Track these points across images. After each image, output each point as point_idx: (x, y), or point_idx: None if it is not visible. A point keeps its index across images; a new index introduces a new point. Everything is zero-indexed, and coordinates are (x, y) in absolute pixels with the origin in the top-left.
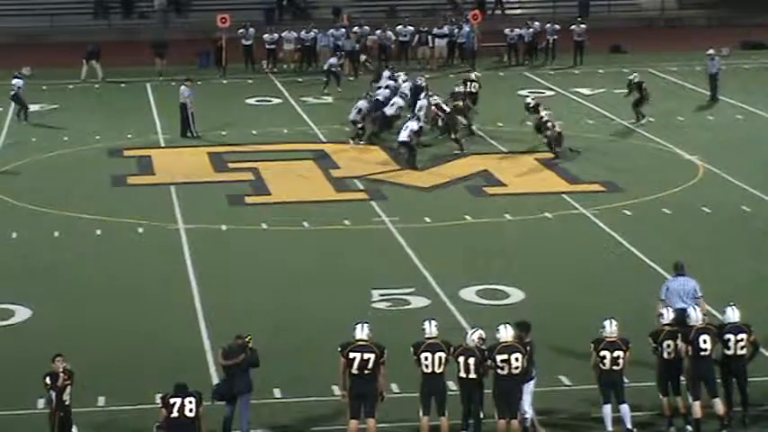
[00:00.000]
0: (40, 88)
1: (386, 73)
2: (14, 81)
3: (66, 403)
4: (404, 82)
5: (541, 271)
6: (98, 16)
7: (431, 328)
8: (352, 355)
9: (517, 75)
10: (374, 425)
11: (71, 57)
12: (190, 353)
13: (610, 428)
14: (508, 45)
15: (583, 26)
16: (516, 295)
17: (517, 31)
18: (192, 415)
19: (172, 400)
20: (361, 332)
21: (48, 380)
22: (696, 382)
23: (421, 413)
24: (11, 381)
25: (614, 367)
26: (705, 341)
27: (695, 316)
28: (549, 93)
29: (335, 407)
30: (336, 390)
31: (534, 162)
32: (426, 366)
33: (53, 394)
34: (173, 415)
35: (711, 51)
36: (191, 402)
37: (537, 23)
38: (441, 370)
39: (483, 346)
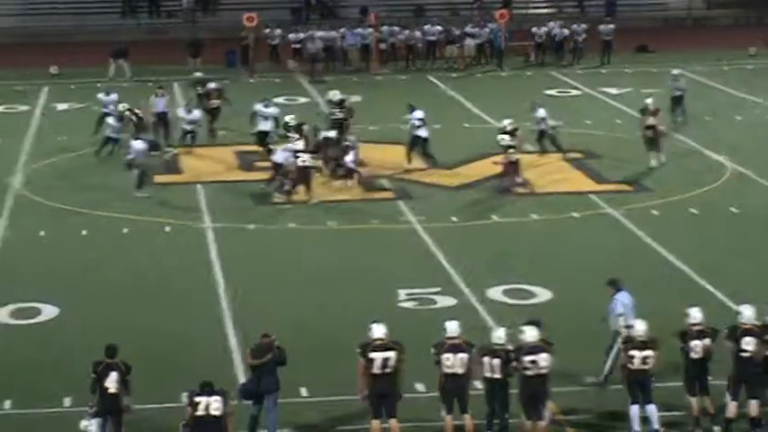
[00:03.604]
0: (68, 87)
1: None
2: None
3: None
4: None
5: (568, 271)
6: (126, 15)
7: (453, 328)
8: (372, 355)
9: (544, 74)
10: (397, 424)
11: (99, 56)
12: (216, 352)
13: (637, 428)
14: (536, 44)
15: (610, 26)
16: (543, 295)
17: (545, 29)
18: (218, 413)
19: (197, 399)
20: (379, 331)
21: None
22: (737, 383)
23: (444, 413)
24: (38, 379)
25: (643, 367)
26: (748, 343)
27: (748, 315)
28: (575, 92)
29: (361, 406)
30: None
31: (561, 162)
32: (448, 367)
33: None
34: (198, 413)
35: (675, 72)
36: (216, 401)
37: (574, 25)
38: (463, 371)
39: (509, 346)
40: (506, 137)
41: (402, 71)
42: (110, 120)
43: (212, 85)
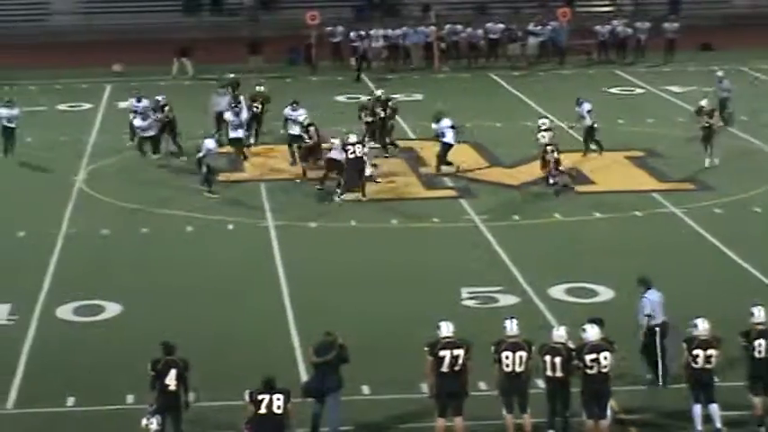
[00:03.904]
0: (131, 85)
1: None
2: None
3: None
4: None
5: (631, 269)
6: (188, 13)
7: (512, 327)
8: (441, 353)
9: (607, 72)
10: (462, 423)
11: (161, 54)
12: (279, 350)
13: (699, 428)
14: (598, 42)
15: (675, 24)
16: (605, 294)
17: (608, 27)
18: (280, 412)
19: (259, 397)
20: (447, 329)
21: None
22: None
23: (504, 411)
24: (101, 376)
25: (706, 366)
26: None
27: None
28: (638, 90)
29: (424, 404)
30: (425, 387)
31: (624, 160)
32: (507, 366)
33: None
34: (260, 412)
35: (720, 73)
36: (278, 399)
37: (637, 23)
38: (521, 369)
39: (570, 343)
40: (546, 134)
41: (464, 69)
42: (136, 121)
43: (259, 89)
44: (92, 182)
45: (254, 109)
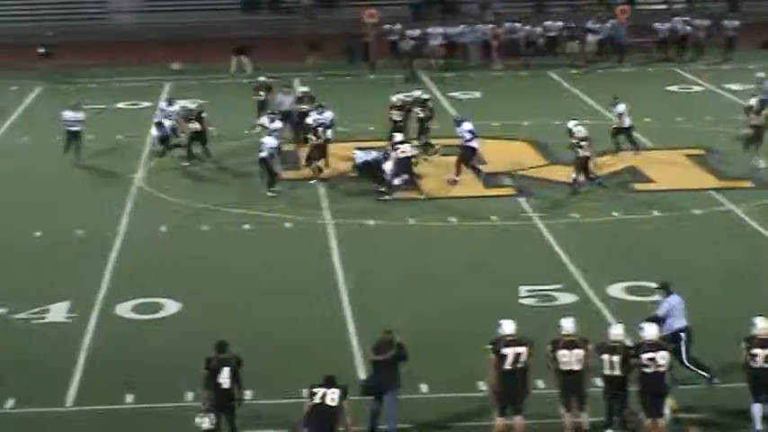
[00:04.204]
0: (189, 84)
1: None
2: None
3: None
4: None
5: (689, 268)
6: (246, 12)
7: (568, 326)
8: (504, 351)
9: (666, 70)
10: (522, 422)
11: (220, 52)
12: (336, 348)
13: (759, 427)
14: (658, 40)
15: (735, 22)
16: None
17: (668, 25)
18: (333, 404)
19: (315, 390)
20: (509, 327)
21: None
22: None
23: (562, 410)
24: (161, 374)
25: (766, 365)
26: None
27: None
28: (697, 88)
29: (482, 403)
30: (483, 386)
31: (682, 158)
32: (564, 364)
33: None
34: (315, 401)
35: (761, 74)
36: (333, 393)
37: (698, 21)
38: (579, 367)
39: (627, 341)
40: (581, 128)
41: (522, 67)
42: (153, 130)
43: (304, 89)
44: (150, 180)
45: (301, 109)
